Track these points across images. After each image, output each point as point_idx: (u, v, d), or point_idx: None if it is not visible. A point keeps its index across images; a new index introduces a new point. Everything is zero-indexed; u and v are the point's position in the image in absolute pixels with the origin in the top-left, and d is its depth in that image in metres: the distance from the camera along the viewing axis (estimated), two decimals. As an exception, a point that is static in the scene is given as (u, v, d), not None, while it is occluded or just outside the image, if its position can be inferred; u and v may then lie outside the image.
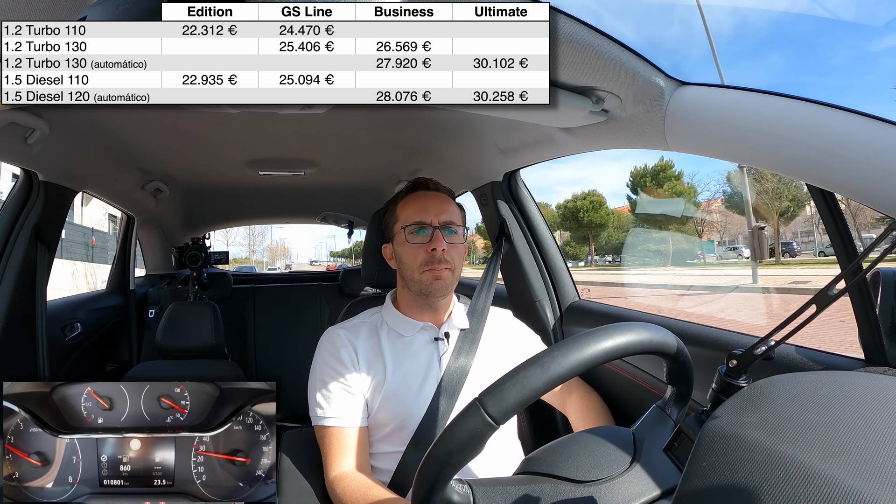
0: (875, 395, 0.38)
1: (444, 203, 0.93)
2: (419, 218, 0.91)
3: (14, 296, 1.21)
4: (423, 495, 0.49)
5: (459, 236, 0.93)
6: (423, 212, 0.91)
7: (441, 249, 0.88)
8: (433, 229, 0.90)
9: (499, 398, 0.47)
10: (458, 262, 0.92)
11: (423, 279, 0.90)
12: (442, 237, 0.89)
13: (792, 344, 0.68)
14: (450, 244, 0.90)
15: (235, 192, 2.19)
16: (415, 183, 0.97)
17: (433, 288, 0.90)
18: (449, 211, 0.93)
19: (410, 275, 0.91)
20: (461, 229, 0.93)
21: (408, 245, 0.91)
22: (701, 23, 13.51)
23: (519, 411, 0.48)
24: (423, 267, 0.89)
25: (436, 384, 0.89)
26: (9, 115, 0.95)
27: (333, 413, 0.87)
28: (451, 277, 0.91)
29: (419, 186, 0.96)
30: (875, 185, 0.55)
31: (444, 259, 0.89)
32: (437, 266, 0.89)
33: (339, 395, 0.88)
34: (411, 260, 0.91)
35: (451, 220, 0.92)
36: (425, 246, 0.90)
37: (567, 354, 0.49)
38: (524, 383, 0.47)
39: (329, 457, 0.86)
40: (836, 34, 55.74)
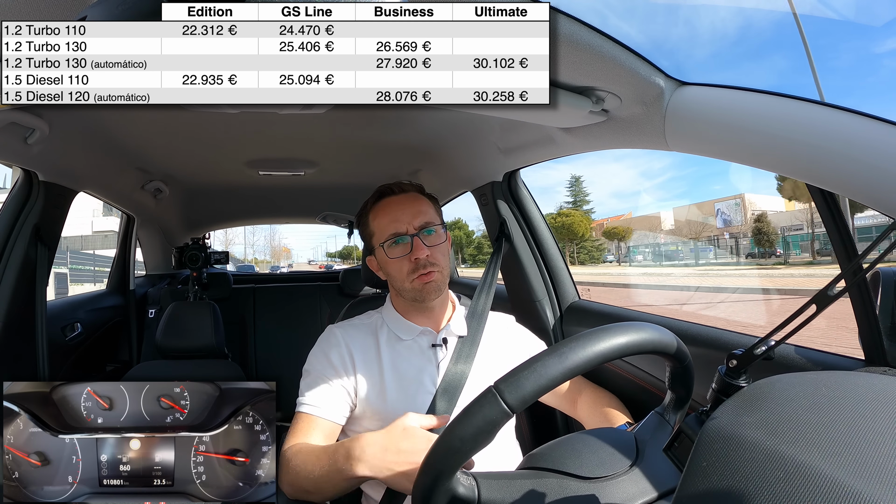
0: (875, 395, 0.38)
1: (415, 205, 0.91)
2: (394, 229, 0.89)
3: (14, 296, 1.21)
4: (429, 484, 0.48)
5: (439, 234, 0.91)
6: (397, 221, 0.89)
7: (425, 256, 0.87)
8: (411, 237, 0.88)
9: (515, 385, 0.47)
10: (444, 261, 0.91)
11: (413, 287, 0.89)
12: (422, 243, 0.88)
13: (792, 344, 0.68)
14: (431, 246, 0.88)
15: (235, 192, 2.19)
16: (380, 191, 0.94)
17: (425, 292, 0.89)
18: (422, 212, 0.90)
19: (400, 285, 0.91)
20: (440, 227, 0.91)
21: (390, 260, 0.90)
22: (705, 23, 13.63)
23: (534, 400, 0.47)
24: (410, 276, 0.88)
25: (433, 388, 0.89)
26: (9, 115, 0.95)
27: (309, 402, 0.87)
28: (440, 278, 0.90)
29: (385, 194, 0.94)
30: (875, 185, 0.55)
31: (428, 263, 0.88)
32: (423, 271, 0.88)
33: (321, 389, 0.88)
34: (397, 272, 0.90)
35: (426, 222, 0.90)
36: (408, 256, 0.88)
37: (585, 346, 0.48)
38: (541, 371, 0.47)
39: (290, 436, 0.86)
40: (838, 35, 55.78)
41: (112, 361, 2.08)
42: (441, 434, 0.48)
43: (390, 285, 0.96)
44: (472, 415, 0.47)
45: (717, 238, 25.69)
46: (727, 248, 24.61)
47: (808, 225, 19.90)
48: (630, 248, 29.90)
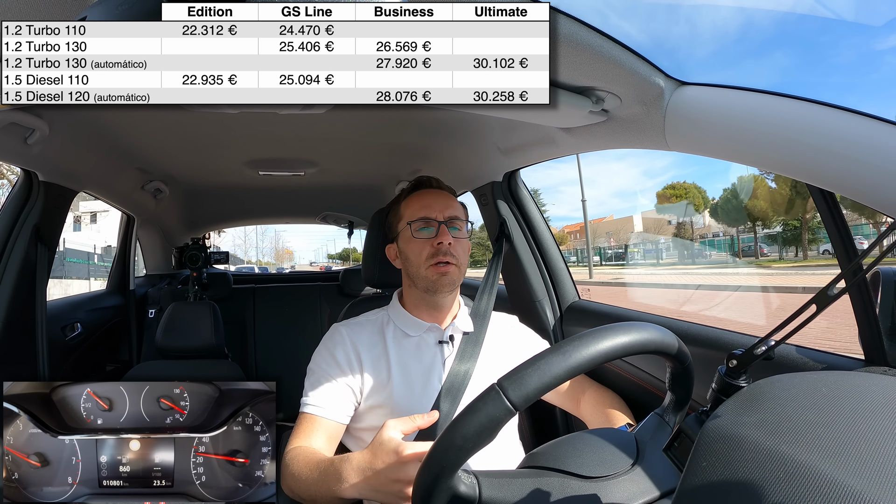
0: (875, 395, 0.38)
1: (447, 200, 0.95)
2: (424, 214, 0.92)
3: (14, 296, 1.21)
4: (430, 482, 0.48)
5: (464, 233, 0.94)
6: (428, 208, 0.92)
7: (447, 243, 0.89)
8: (438, 224, 0.91)
9: (519, 383, 0.46)
10: (464, 259, 0.93)
11: (429, 275, 0.90)
12: (447, 231, 0.91)
13: (792, 344, 0.68)
14: (455, 239, 0.91)
15: (235, 192, 2.19)
16: (418, 181, 0.98)
17: (440, 284, 0.90)
18: (453, 207, 0.94)
19: (416, 271, 0.92)
20: (465, 225, 0.95)
21: (413, 241, 0.92)
22: (706, 22, 13.89)
23: (537, 398, 0.47)
24: (429, 261, 0.90)
25: (439, 386, 0.89)
26: (9, 115, 0.95)
27: (313, 402, 0.87)
28: (457, 273, 0.91)
29: (422, 185, 0.98)
30: (875, 185, 0.55)
31: (449, 252, 0.90)
32: (442, 259, 0.89)
33: (326, 388, 0.88)
34: (417, 255, 0.91)
35: (455, 216, 0.93)
36: (431, 241, 0.90)
37: (588, 345, 0.48)
38: (545, 369, 0.47)
39: (294, 436, 0.85)
40: (840, 32, 55.81)
41: (112, 361, 2.08)
42: (444, 431, 0.48)
43: (404, 274, 0.97)
44: (476, 412, 0.46)
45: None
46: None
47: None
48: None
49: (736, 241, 22.09)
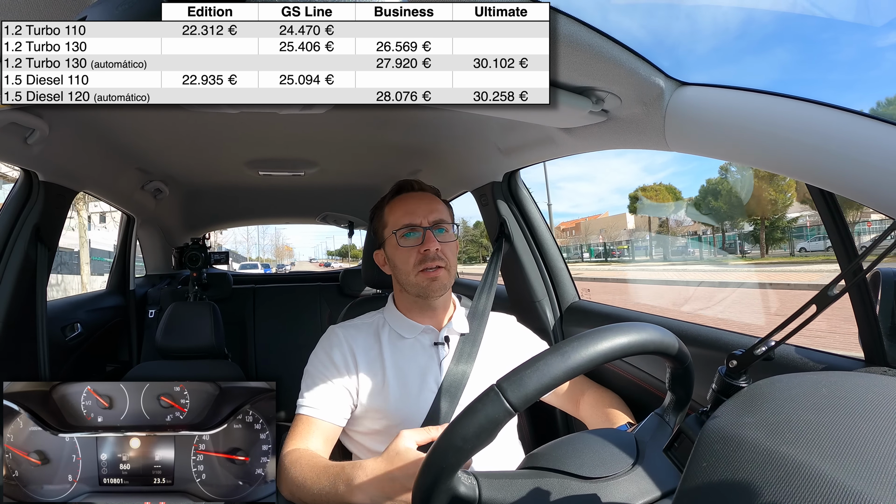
0: (875, 396, 0.38)
1: (431, 203, 0.93)
2: (408, 220, 0.91)
3: (14, 296, 1.21)
4: (430, 483, 0.48)
5: (450, 234, 0.93)
6: (412, 214, 0.91)
7: (435, 249, 0.88)
8: (424, 230, 0.90)
9: (518, 384, 0.46)
10: (452, 260, 0.92)
11: (419, 281, 0.90)
12: (434, 237, 0.89)
13: (792, 344, 0.68)
14: (442, 243, 0.90)
15: (235, 192, 2.19)
16: (399, 186, 0.97)
17: (430, 289, 0.90)
18: (438, 210, 0.93)
19: (406, 278, 0.91)
20: (451, 227, 0.94)
21: (400, 249, 0.91)
22: (706, 18, 14.12)
23: (537, 399, 0.47)
24: (417, 268, 0.89)
25: (436, 387, 0.89)
26: (9, 115, 0.95)
27: (309, 403, 0.87)
28: (447, 276, 0.90)
29: (404, 189, 0.96)
30: (875, 185, 0.55)
31: (437, 257, 0.89)
32: (430, 264, 0.88)
33: (322, 390, 0.88)
34: (404, 263, 0.91)
35: (440, 219, 0.92)
36: (418, 248, 0.89)
37: (588, 345, 0.48)
38: (544, 370, 0.47)
39: (290, 438, 0.85)
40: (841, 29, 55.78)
41: (112, 362, 2.08)
42: (443, 432, 0.48)
43: (395, 280, 0.96)
44: (475, 413, 0.47)
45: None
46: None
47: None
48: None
49: (711, 239, 23.31)
